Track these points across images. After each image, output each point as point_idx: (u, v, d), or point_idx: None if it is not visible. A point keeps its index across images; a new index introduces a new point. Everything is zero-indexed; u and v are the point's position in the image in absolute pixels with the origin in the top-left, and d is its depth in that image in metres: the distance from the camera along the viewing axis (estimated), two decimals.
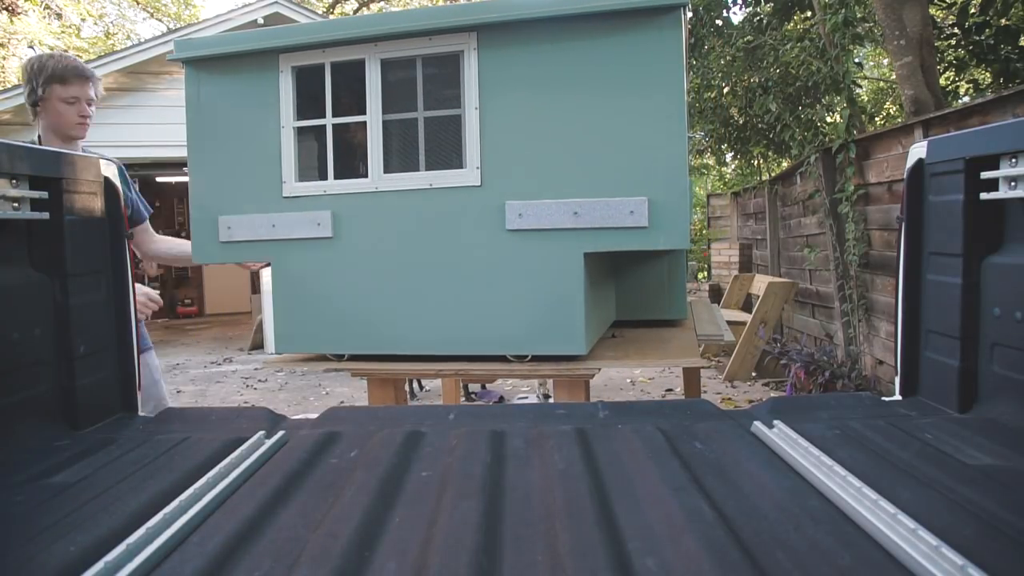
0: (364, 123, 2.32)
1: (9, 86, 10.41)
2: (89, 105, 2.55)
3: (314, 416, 1.77)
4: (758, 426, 1.52)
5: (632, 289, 3.13)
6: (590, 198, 2.12)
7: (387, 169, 2.31)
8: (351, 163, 2.42)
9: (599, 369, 2.29)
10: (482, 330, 2.25)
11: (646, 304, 3.13)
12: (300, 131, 2.39)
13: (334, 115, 2.33)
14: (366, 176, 2.33)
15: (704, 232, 11.67)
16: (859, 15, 6.12)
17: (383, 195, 2.30)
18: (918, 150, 1.77)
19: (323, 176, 2.37)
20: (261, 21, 9.36)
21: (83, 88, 2.50)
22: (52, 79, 2.44)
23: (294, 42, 2.32)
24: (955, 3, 6.12)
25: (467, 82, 2.21)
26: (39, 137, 2.57)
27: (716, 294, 9.12)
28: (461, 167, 2.25)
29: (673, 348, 2.55)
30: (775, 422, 1.52)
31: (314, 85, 2.37)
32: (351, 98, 2.37)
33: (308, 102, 2.40)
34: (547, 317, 2.19)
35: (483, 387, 6.25)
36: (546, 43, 2.15)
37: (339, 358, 2.42)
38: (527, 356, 2.26)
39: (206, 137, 2.41)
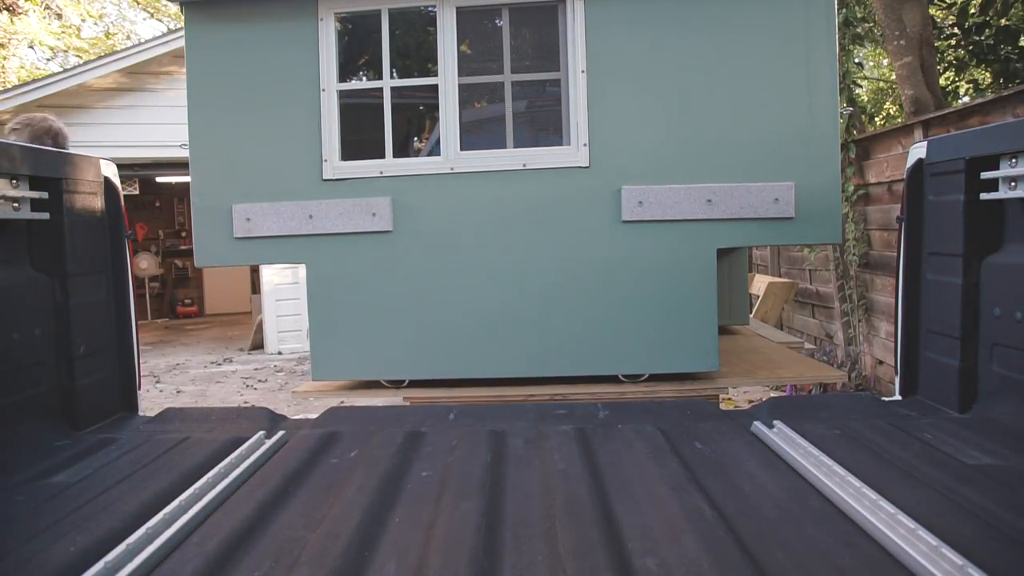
0: (434, 87, 1.81)
1: (9, 86, 10.41)
2: None
3: (314, 416, 1.77)
4: (758, 426, 1.52)
5: None
6: (726, 183, 1.77)
7: (465, 145, 1.84)
8: (416, 138, 2.02)
9: (727, 390, 1.90)
10: (587, 345, 1.86)
11: None
12: (346, 97, 1.90)
13: (393, 76, 1.82)
14: (437, 153, 1.84)
15: None
16: (859, 15, 6.13)
17: (460, 178, 1.83)
18: (918, 150, 1.77)
19: (378, 154, 1.87)
20: None
21: None
22: None
23: None
24: (955, 3, 6.13)
25: (571, 39, 1.78)
26: None
27: None
28: (563, 143, 1.83)
29: (786, 361, 2.21)
30: (775, 422, 1.52)
31: (365, 38, 1.93)
32: (414, 57, 1.98)
33: (356, 60, 1.99)
34: (671, 327, 1.84)
35: None
36: None
37: (397, 385, 1.93)
38: (643, 375, 1.88)
39: (214, 103, 1.87)
